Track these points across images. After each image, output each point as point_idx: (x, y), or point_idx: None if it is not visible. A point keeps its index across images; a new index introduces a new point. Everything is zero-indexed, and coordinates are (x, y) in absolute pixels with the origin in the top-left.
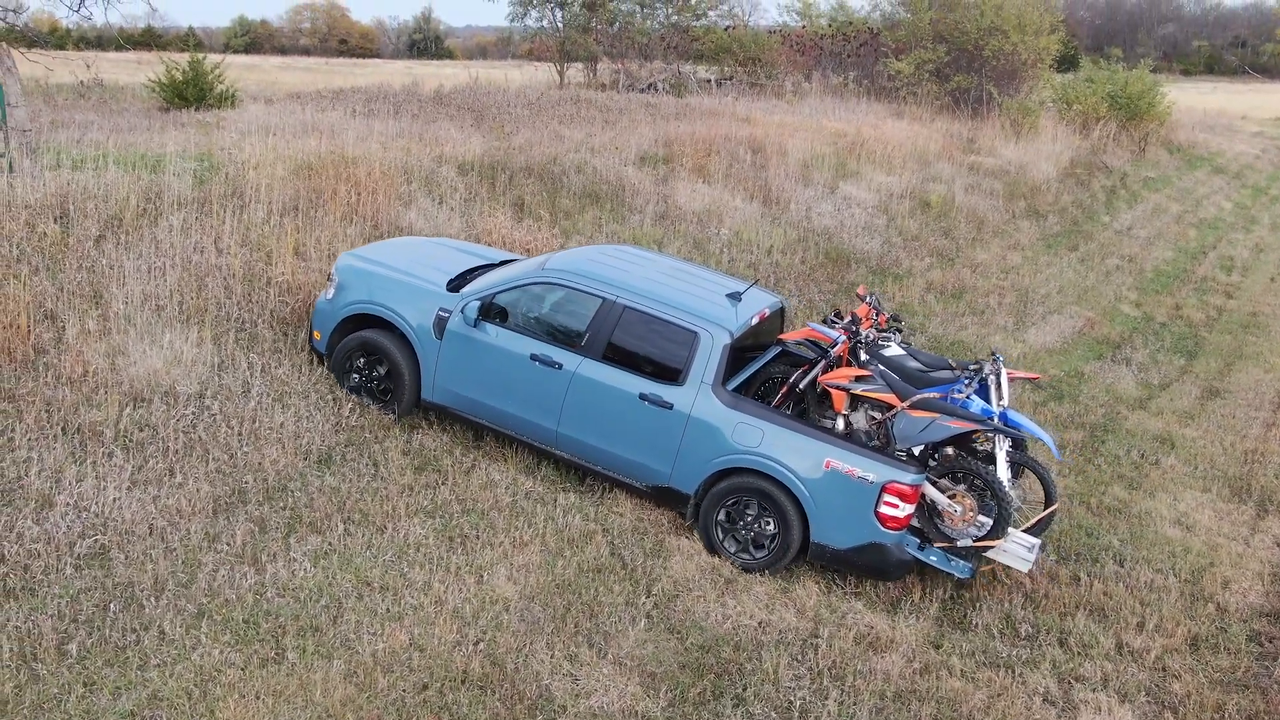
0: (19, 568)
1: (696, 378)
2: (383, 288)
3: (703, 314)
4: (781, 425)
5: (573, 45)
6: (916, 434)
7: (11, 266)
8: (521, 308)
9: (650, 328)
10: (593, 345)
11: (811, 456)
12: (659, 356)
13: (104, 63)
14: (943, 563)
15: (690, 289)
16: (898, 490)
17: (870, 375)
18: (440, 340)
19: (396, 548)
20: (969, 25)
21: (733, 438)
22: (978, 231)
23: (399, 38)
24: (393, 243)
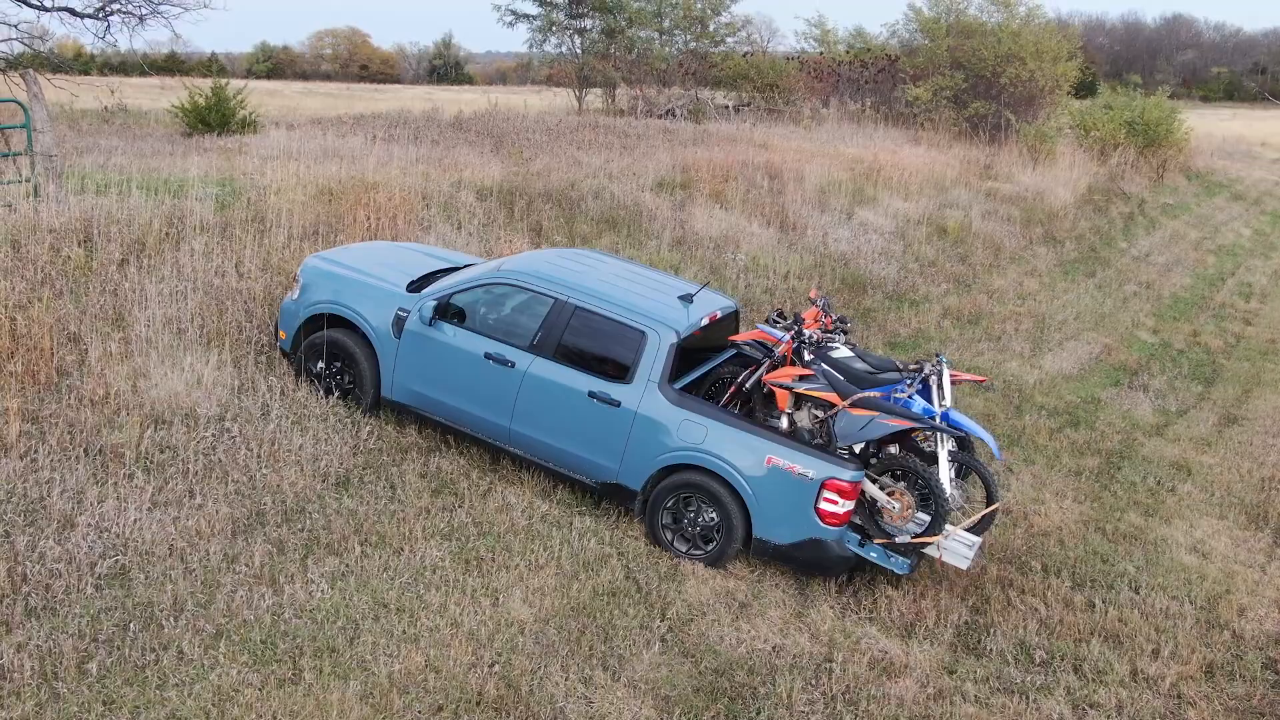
0: (41, 587)
1: (644, 376)
2: (345, 288)
3: (651, 314)
4: (725, 422)
5: (591, 71)
6: (856, 432)
7: (36, 290)
8: (477, 308)
9: (600, 327)
10: (544, 344)
11: (753, 453)
12: (608, 355)
13: (128, 88)
14: (882, 559)
15: (642, 290)
16: (837, 487)
17: (813, 374)
18: (399, 339)
19: (413, 570)
20: (986, 52)
21: (678, 435)
22: (995, 258)
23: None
24: (361, 246)
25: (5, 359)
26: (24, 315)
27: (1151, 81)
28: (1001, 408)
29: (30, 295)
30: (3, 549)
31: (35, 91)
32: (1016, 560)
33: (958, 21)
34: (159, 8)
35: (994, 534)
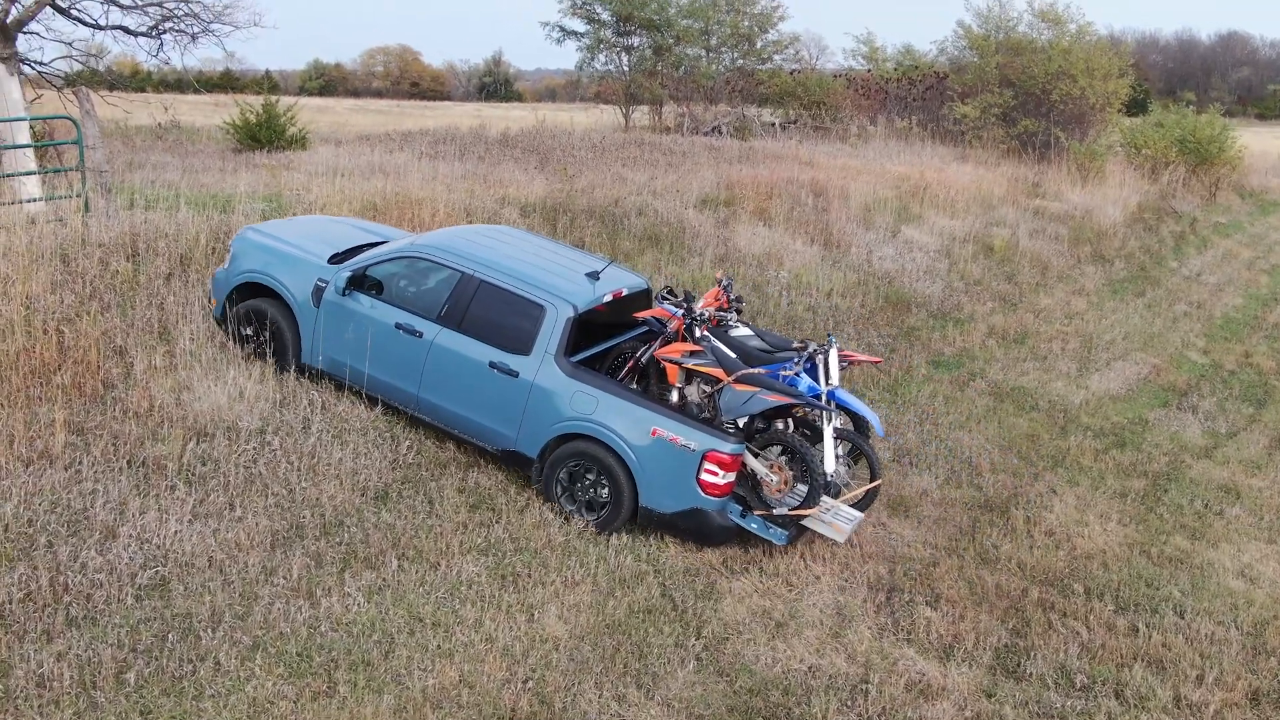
0: (82, 597)
1: (541, 348)
2: (271, 259)
3: (551, 289)
4: (614, 394)
5: (639, 88)
6: (739, 406)
7: (84, 303)
8: (392, 280)
9: (503, 300)
10: (451, 316)
11: (640, 424)
12: (509, 327)
13: (182, 105)
14: (762, 530)
15: (548, 266)
16: (717, 459)
17: (702, 351)
18: (318, 309)
19: (449, 584)
20: (1036, 69)
21: (571, 405)
22: (1042, 276)
23: (469, 81)
24: (297, 220)
25: (53, 371)
26: (71, 328)
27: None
28: (1046, 428)
29: (78, 309)
30: (45, 558)
31: (88, 108)
32: (1059, 583)
33: (1007, 39)
34: (210, 26)
35: (1035, 555)
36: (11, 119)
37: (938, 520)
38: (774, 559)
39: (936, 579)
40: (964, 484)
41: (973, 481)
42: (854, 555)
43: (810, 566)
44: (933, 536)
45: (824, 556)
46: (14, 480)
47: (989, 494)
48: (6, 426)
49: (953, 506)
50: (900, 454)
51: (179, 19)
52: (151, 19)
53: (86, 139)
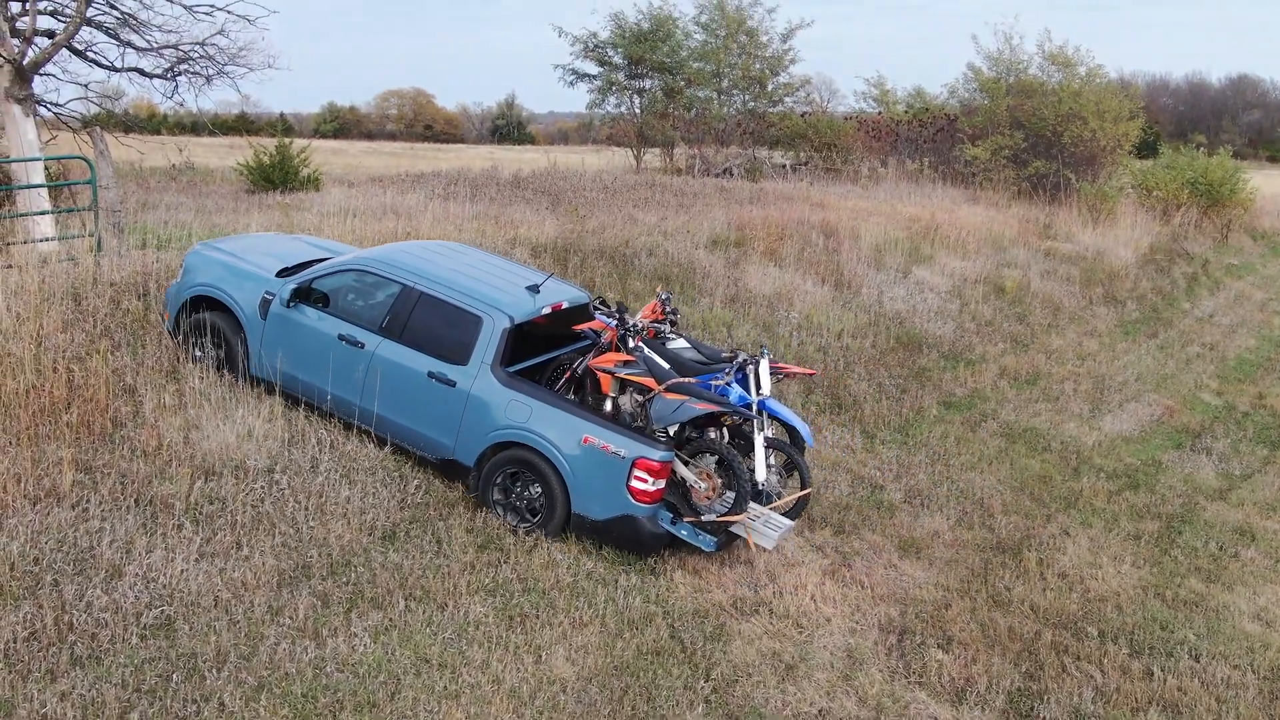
0: (86, 636)
1: (478, 358)
2: (221, 273)
3: (489, 300)
4: (547, 403)
5: (650, 130)
6: (669, 414)
7: (95, 341)
8: (336, 293)
9: (442, 312)
10: (392, 327)
11: (572, 432)
12: (447, 338)
13: (197, 147)
14: (692, 536)
15: (489, 279)
16: (646, 465)
17: (634, 360)
18: (264, 321)
19: (456, 625)
20: (1047, 111)
21: (506, 414)
22: (1053, 317)
23: (482, 123)
24: (250, 236)
25: (62, 409)
26: (81, 366)
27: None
28: (1059, 469)
29: (89, 347)
30: (51, 597)
31: (102, 149)
32: (1072, 625)
33: (1018, 81)
34: (225, 68)
35: (1048, 597)
36: (27, 159)
37: (949, 562)
38: (784, 599)
39: (948, 621)
40: (976, 525)
41: (985, 523)
42: (865, 597)
43: (820, 608)
44: (944, 578)
45: (834, 598)
46: (21, 518)
47: (1001, 535)
48: (15, 464)
49: (965, 548)
50: (911, 495)
51: (194, 61)
52: (167, 61)
53: (100, 179)
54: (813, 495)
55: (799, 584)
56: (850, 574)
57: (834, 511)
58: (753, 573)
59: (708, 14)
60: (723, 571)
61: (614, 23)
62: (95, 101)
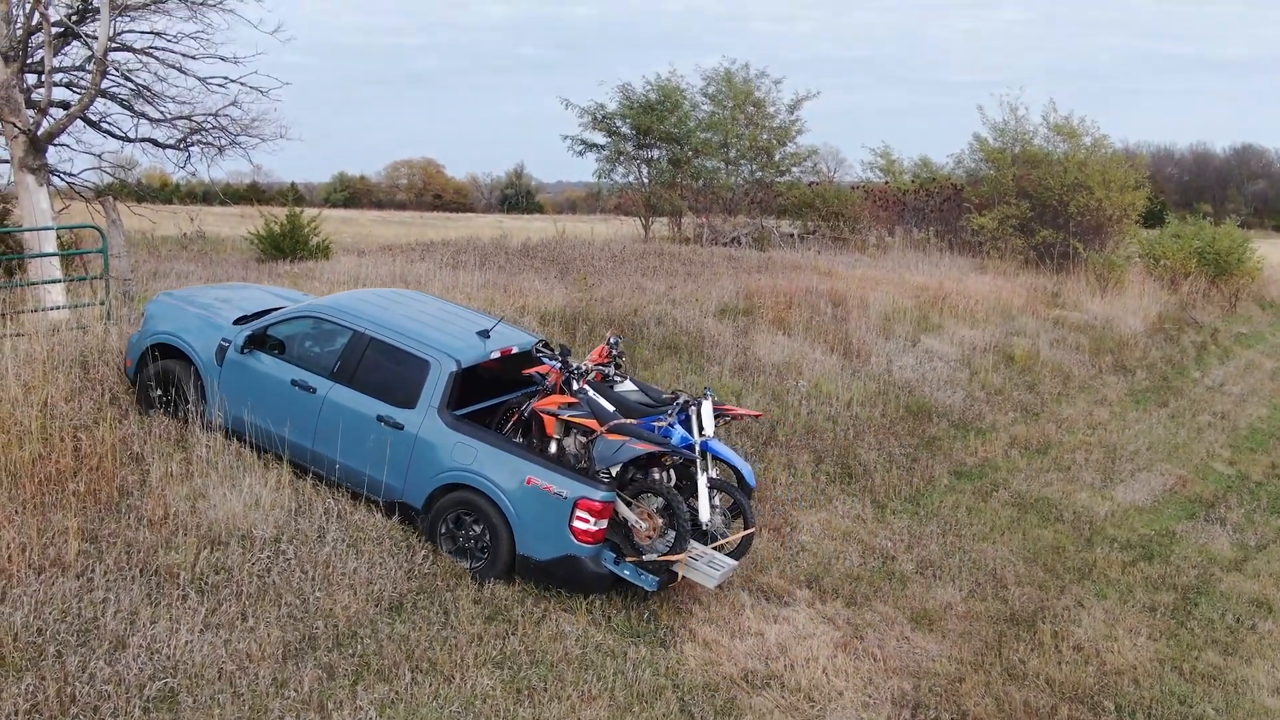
0: (89, 709)
1: (426, 402)
2: (180, 321)
3: (436, 344)
4: (492, 445)
5: (658, 200)
6: (611, 455)
7: (102, 410)
8: (291, 340)
9: (391, 357)
10: (343, 372)
11: (515, 473)
12: (396, 382)
13: (209, 216)
14: (634, 576)
15: (441, 326)
16: (588, 505)
17: (577, 403)
18: (221, 367)
19: (463, 698)
20: (1053, 181)
21: (452, 456)
22: (1063, 386)
23: (491, 193)
24: (211, 287)
25: (68, 478)
26: (88, 435)
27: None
28: (1071, 540)
29: (96, 415)
30: (54, 669)
31: (114, 218)
32: (1089, 700)
33: (1023, 151)
34: (237, 139)
35: (1064, 671)
36: (39, 228)
37: (963, 634)
38: (795, 672)
39: (963, 695)
40: (989, 597)
41: (998, 594)
42: (878, 670)
43: (833, 681)
44: (958, 651)
45: (846, 671)
46: (25, 588)
47: (1015, 607)
48: (20, 533)
49: (978, 620)
50: (923, 566)
51: (207, 132)
52: (180, 132)
53: (111, 248)
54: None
55: (810, 656)
56: (862, 646)
57: (845, 582)
58: (764, 645)
59: (715, 86)
60: (733, 644)
61: (622, 94)
62: (108, 171)
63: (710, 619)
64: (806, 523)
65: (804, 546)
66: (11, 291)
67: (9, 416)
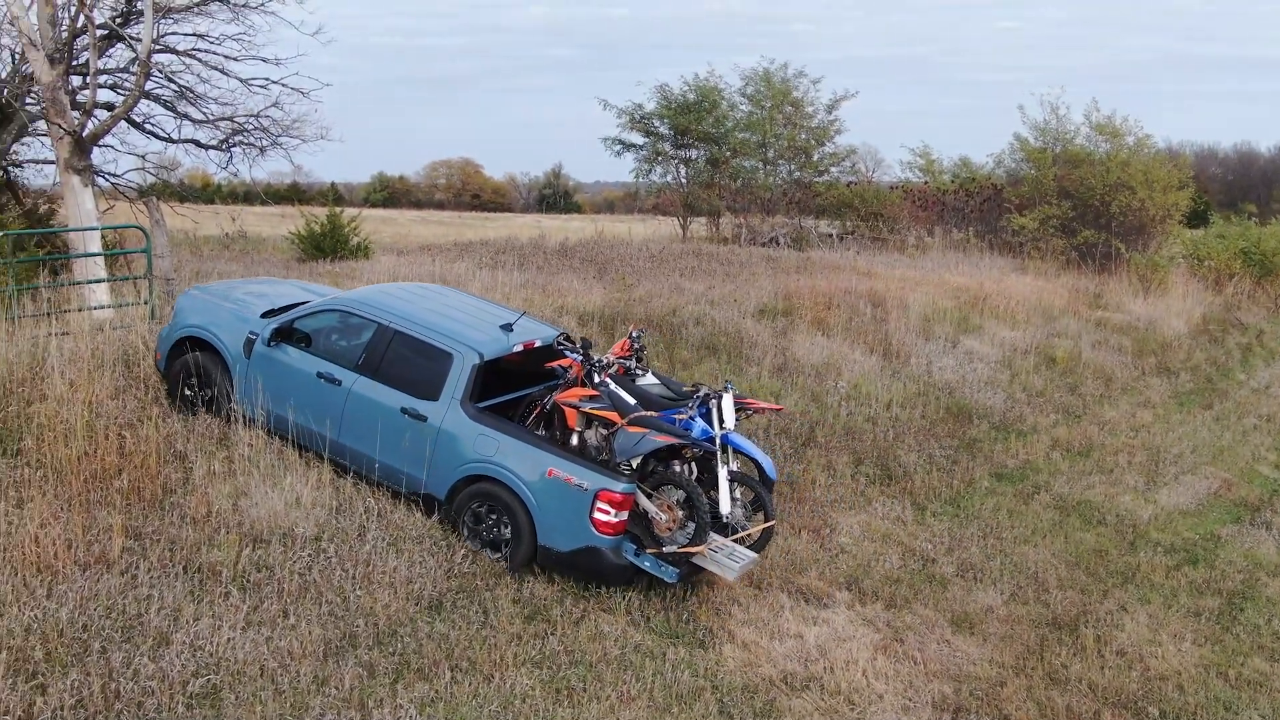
0: (132, 704)
1: (449, 394)
2: (209, 314)
3: (460, 337)
4: (514, 437)
5: (696, 200)
6: (631, 447)
7: (146, 408)
8: (317, 332)
9: (415, 349)
10: (368, 364)
11: (536, 465)
12: (420, 375)
13: (250, 216)
14: (655, 568)
15: (464, 319)
16: (608, 497)
17: (598, 395)
18: (249, 360)
19: (502, 698)
20: (1094, 181)
21: (474, 448)
22: (1106, 388)
23: (529, 193)
24: (242, 281)
25: (113, 475)
26: (133, 433)
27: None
28: (1114, 544)
29: (140, 413)
30: (98, 664)
31: (157, 218)
32: (1132, 705)
33: (1064, 151)
34: (278, 140)
35: (1107, 676)
36: (84, 228)
37: (1004, 638)
38: (835, 675)
39: (1004, 700)
40: (1031, 600)
41: (1040, 598)
42: (918, 673)
43: (873, 684)
44: (999, 655)
45: (886, 674)
46: (70, 585)
47: (1057, 611)
48: (66, 530)
49: (1019, 624)
50: (964, 569)
51: (249, 133)
52: (222, 133)
53: (155, 248)
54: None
55: (850, 659)
56: (902, 649)
57: (885, 585)
58: (803, 647)
59: (754, 85)
60: (773, 645)
61: (660, 94)
62: (152, 172)
63: (749, 620)
64: (846, 524)
65: (843, 548)
66: (57, 291)
67: (55, 415)
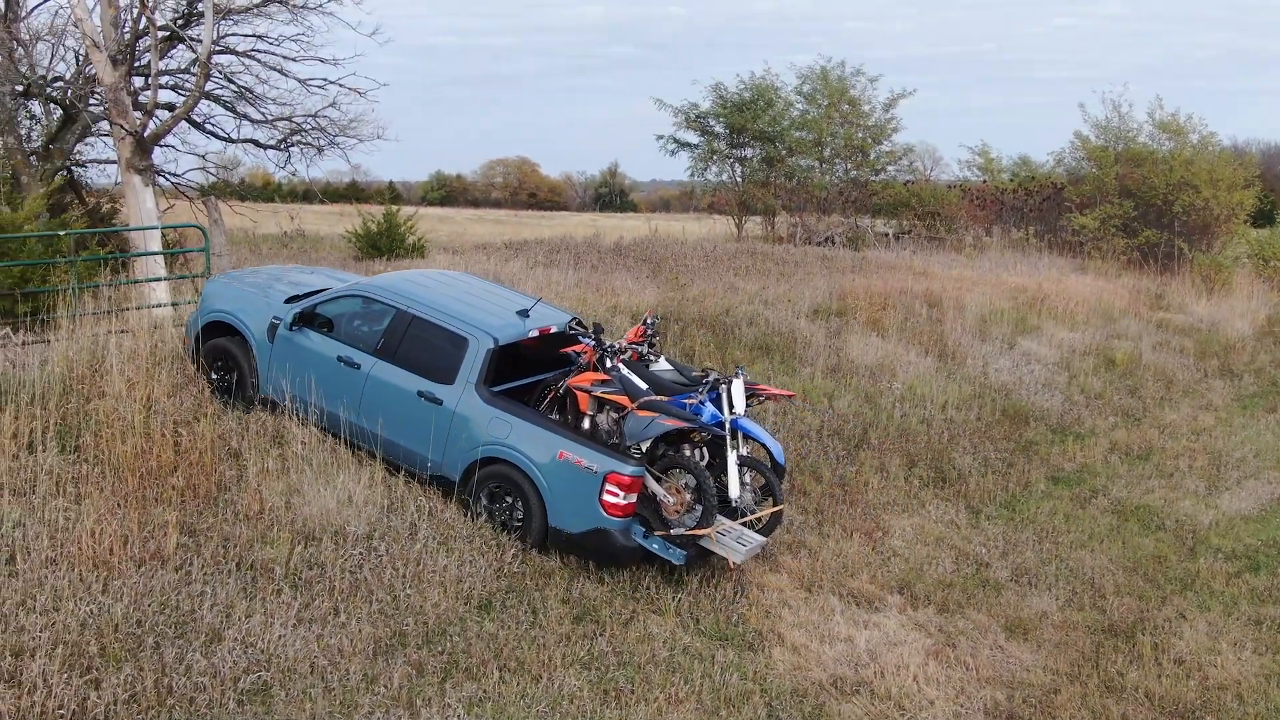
0: (184, 700)
1: (464, 378)
2: (233, 300)
3: (475, 322)
4: (526, 420)
5: (751, 199)
6: (640, 430)
7: (203, 406)
8: (339, 317)
9: (432, 334)
10: (386, 349)
11: (548, 448)
12: (436, 359)
13: (309, 214)
14: (663, 550)
15: (480, 305)
16: (617, 480)
17: (610, 380)
18: (272, 344)
19: (550, 698)
20: (1157, 180)
21: (488, 431)
22: (1166, 390)
23: (585, 191)
24: (267, 268)
25: (168, 472)
26: (189, 431)
27: None
28: (1174, 549)
29: (196, 411)
30: (152, 660)
31: (216, 217)
32: (1190, 715)
33: (1126, 150)
34: (335, 139)
35: (1164, 684)
36: (145, 227)
37: (1059, 644)
38: (885, 680)
39: (1058, 707)
40: (1086, 606)
41: (1096, 604)
42: (970, 679)
43: (924, 690)
44: (1053, 661)
45: (938, 680)
46: (126, 580)
47: (1113, 618)
48: (122, 526)
49: (1074, 630)
50: (1018, 573)
51: (306, 133)
52: (280, 133)
53: (214, 246)
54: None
55: (901, 664)
56: (955, 655)
57: (937, 589)
58: (853, 650)
59: (810, 84)
60: (822, 649)
61: (715, 93)
62: (212, 172)
63: (799, 623)
64: (898, 527)
65: (896, 551)
66: (117, 289)
67: (113, 412)
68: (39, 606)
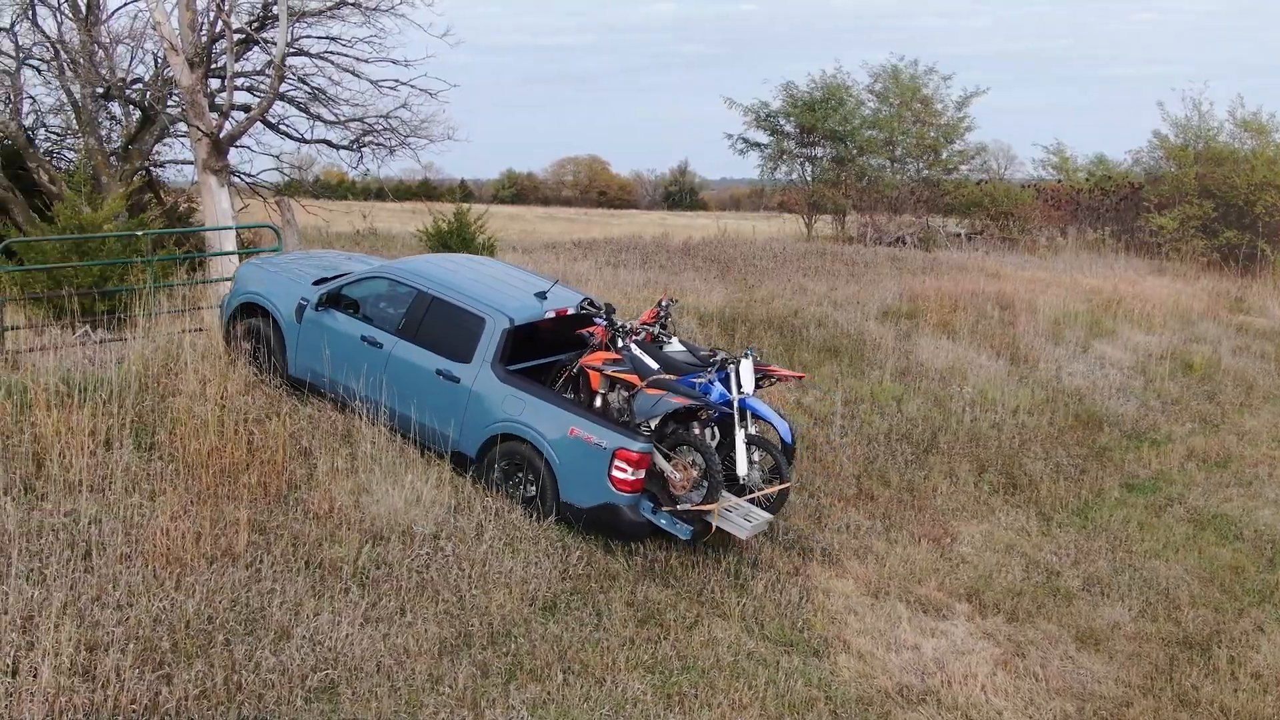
0: (254, 697)
1: (480, 357)
2: (264, 282)
3: (492, 303)
4: (539, 397)
5: (821, 198)
6: (650, 408)
7: (275, 404)
8: (364, 299)
9: (451, 315)
10: (407, 329)
11: (559, 424)
12: (454, 338)
13: (382, 212)
14: (670, 525)
15: (499, 287)
16: (626, 455)
17: (621, 359)
18: (300, 324)
19: (614, 702)
20: (1238, 180)
21: (502, 408)
22: (1246, 396)
23: (655, 189)
24: (300, 253)
25: (241, 470)
26: (261, 429)
27: None
28: (1252, 560)
29: (269, 409)
30: (222, 656)
31: (289, 217)
32: None
33: (1207, 149)
34: (406, 140)
35: (1241, 699)
36: (220, 227)
37: (1131, 656)
38: (952, 689)
39: None
40: (1161, 617)
41: (1170, 615)
42: (1039, 690)
43: (992, 700)
44: (1126, 674)
45: (1006, 690)
46: (198, 577)
47: (1188, 630)
48: (195, 523)
49: (1148, 642)
50: (1090, 582)
51: (378, 133)
52: (353, 133)
53: (286, 245)
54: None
55: (969, 673)
56: (1024, 665)
57: (1007, 597)
58: (920, 659)
59: (882, 82)
60: (889, 656)
61: (785, 92)
62: (286, 172)
63: (865, 630)
64: (967, 534)
65: (964, 558)
66: (192, 288)
67: (188, 410)
68: (114, 602)
